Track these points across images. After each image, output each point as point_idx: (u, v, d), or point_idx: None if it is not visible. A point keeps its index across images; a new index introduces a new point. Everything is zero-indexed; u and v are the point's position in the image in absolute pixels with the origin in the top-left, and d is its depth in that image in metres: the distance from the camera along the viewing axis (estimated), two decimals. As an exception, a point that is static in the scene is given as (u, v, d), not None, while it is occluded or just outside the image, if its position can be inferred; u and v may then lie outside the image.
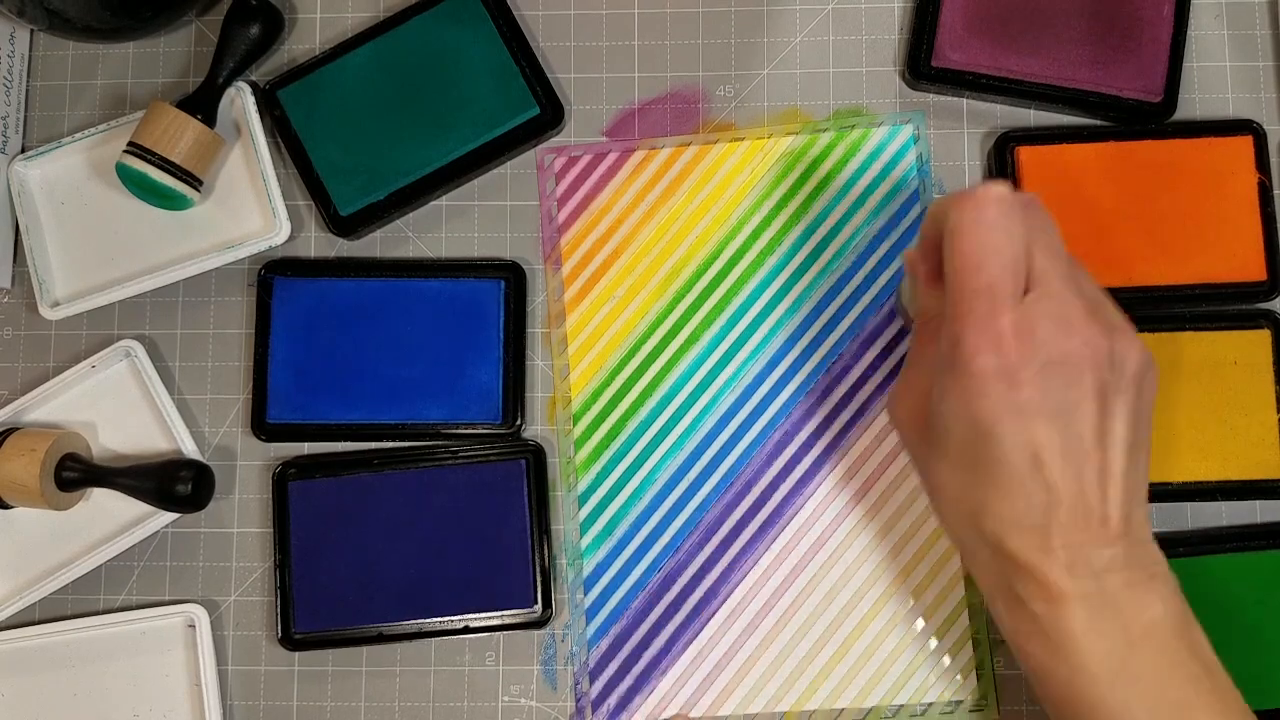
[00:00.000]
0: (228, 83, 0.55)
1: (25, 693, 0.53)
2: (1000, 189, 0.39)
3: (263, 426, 0.54)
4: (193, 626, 0.53)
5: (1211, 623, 0.51)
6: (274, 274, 0.55)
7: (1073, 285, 0.39)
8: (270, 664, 0.54)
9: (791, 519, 0.53)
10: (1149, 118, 0.54)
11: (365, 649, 0.54)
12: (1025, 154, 0.53)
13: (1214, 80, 0.55)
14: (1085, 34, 0.54)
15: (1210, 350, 0.52)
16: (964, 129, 0.55)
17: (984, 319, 0.38)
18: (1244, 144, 0.53)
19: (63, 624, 0.53)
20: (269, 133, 0.56)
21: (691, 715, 0.52)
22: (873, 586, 0.53)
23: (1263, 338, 0.52)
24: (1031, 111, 0.55)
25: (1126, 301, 0.52)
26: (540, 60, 0.55)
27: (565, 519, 0.54)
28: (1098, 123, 0.55)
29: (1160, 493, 0.52)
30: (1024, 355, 0.38)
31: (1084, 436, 0.38)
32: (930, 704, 0.52)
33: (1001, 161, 0.54)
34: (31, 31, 0.58)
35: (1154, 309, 0.53)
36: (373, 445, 0.55)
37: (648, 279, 0.55)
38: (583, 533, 0.54)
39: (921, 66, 0.54)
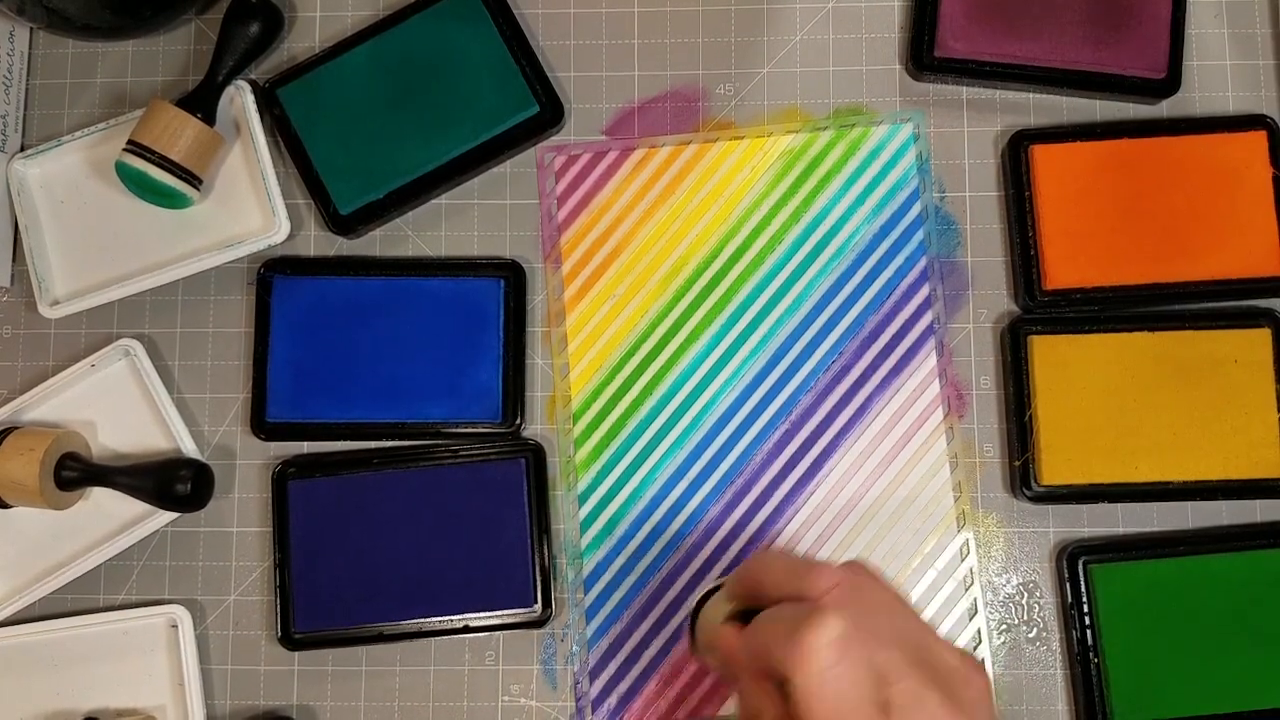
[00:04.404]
0: (227, 81, 0.55)
1: (7, 692, 0.53)
2: (836, 626, 0.34)
3: (262, 425, 0.54)
4: (175, 627, 0.53)
5: (1212, 623, 0.51)
6: (273, 273, 0.55)
7: (914, 662, 0.35)
8: (270, 664, 0.54)
9: (792, 518, 0.53)
10: (1153, 94, 0.54)
11: (365, 649, 0.54)
12: (1039, 152, 0.53)
13: (1215, 79, 0.55)
14: (1085, 15, 0.54)
15: (1211, 349, 0.52)
16: (964, 127, 0.55)
17: None
18: (1258, 139, 0.53)
19: (45, 624, 0.53)
20: (269, 131, 0.56)
21: (692, 716, 0.52)
22: (873, 586, 0.52)
23: (1263, 337, 0.52)
24: (1032, 97, 0.55)
25: (1144, 298, 0.53)
26: (540, 59, 0.55)
27: (565, 518, 0.54)
28: (1110, 120, 0.55)
29: (1161, 492, 0.52)
30: None
31: None
32: (930, 703, 0.52)
33: (1015, 160, 0.54)
34: (31, 30, 0.58)
35: (1170, 305, 0.53)
36: (372, 444, 0.54)
37: (647, 277, 0.55)
38: (582, 532, 0.54)
39: (924, 57, 0.54)
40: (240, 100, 0.55)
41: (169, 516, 0.54)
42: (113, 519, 0.54)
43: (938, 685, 0.35)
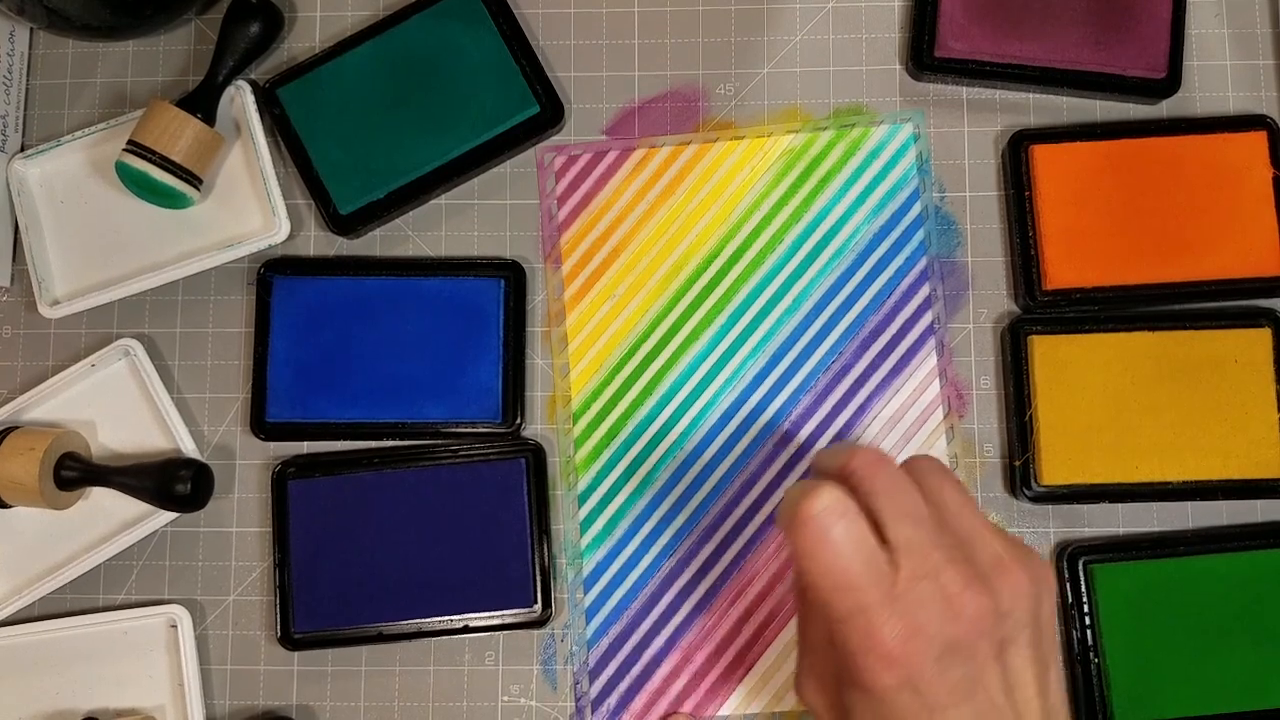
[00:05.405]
0: (228, 81, 0.55)
1: (6, 692, 0.53)
2: (827, 496, 0.36)
3: (262, 425, 0.54)
4: (175, 627, 0.53)
5: (1212, 623, 0.51)
6: (274, 272, 0.55)
7: (941, 545, 0.37)
8: (270, 664, 0.54)
9: (792, 518, 0.53)
10: (1153, 94, 0.54)
11: (365, 649, 0.54)
12: (1039, 152, 0.53)
13: (1215, 79, 0.55)
14: (1085, 15, 0.54)
15: (1211, 349, 0.52)
16: (964, 127, 0.55)
17: (867, 637, 0.36)
18: (1258, 139, 0.53)
19: (44, 624, 0.53)
20: (269, 131, 0.56)
21: (691, 715, 0.52)
22: (873, 586, 0.52)
23: (1263, 336, 0.52)
24: (1032, 97, 0.55)
25: (1143, 298, 0.53)
26: (540, 59, 0.55)
27: (565, 518, 0.54)
28: (1110, 120, 0.55)
29: (1161, 492, 0.52)
30: (918, 657, 0.35)
31: (994, 699, 0.36)
32: (931, 703, 0.52)
33: (1015, 160, 0.54)
34: (31, 30, 0.58)
35: (1170, 305, 0.53)
36: (372, 444, 0.54)
37: (647, 277, 0.55)
38: (582, 532, 0.54)
39: (924, 57, 0.54)
40: (240, 100, 0.55)
41: (169, 516, 0.54)
42: (112, 519, 0.54)
43: (963, 567, 0.36)
